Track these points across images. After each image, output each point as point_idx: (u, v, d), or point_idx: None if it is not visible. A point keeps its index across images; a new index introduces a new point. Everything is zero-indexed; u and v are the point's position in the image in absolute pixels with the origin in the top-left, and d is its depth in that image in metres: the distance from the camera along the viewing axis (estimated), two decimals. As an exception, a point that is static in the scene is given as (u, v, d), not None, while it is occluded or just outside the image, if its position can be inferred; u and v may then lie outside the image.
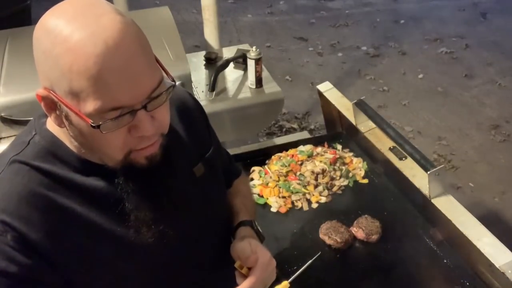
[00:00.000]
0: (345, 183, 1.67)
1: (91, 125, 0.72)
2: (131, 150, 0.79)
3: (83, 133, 0.76)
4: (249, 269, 0.97)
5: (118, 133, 0.75)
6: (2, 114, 1.80)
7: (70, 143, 0.83)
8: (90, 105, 0.71)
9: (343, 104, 1.80)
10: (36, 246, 0.78)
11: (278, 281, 1.03)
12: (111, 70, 0.69)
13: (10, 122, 1.80)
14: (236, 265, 0.97)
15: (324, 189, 1.63)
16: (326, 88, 1.88)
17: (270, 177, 1.65)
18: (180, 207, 0.90)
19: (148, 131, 0.76)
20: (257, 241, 1.03)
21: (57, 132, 0.83)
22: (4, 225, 0.76)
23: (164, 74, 0.79)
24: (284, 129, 3.46)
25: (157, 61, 0.78)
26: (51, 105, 0.77)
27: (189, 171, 0.99)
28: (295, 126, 3.50)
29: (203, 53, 2.34)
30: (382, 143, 1.66)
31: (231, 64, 2.23)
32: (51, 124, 0.83)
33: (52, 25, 0.71)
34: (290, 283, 1.05)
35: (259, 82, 2.10)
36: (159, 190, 0.86)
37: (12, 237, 0.76)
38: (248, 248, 0.96)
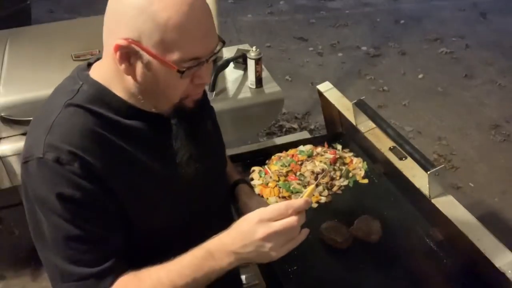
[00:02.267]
0: (345, 183, 1.67)
1: (178, 71, 0.86)
2: (187, 95, 0.95)
3: (155, 80, 0.88)
4: None
5: (185, 81, 0.91)
6: (2, 114, 1.80)
7: (121, 91, 0.94)
8: (176, 55, 0.85)
9: (343, 104, 1.80)
10: (98, 174, 0.89)
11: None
12: (196, 26, 0.85)
13: (10, 122, 1.81)
14: None
15: (324, 189, 1.63)
16: (326, 88, 1.88)
17: (270, 177, 1.65)
18: (208, 148, 1.09)
19: (208, 79, 0.95)
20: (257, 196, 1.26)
21: (104, 81, 0.94)
22: (72, 155, 0.87)
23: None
24: (284, 129, 3.46)
25: None
26: (126, 55, 0.86)
27: (205, 122, 1.15)
28: (295, 126, 3.50)
29: (203, 53, 2.34)
30: (382, 143, 1.66)
31: (231, 64, 2.23)
32: (96, 75, 0.95)
33: None
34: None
35: (259, 82, 2.10)
36: (197, 132, 1.03)
37: (79, 166, 0.87)
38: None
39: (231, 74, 2.23)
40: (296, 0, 5.54)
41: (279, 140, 2.07)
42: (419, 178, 1.48)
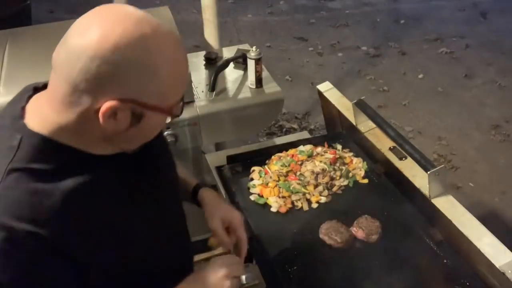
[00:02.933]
0: (345, 183, 1.67)
1: (172, 116, 0.87)
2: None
3: (142, 128, 0.84)
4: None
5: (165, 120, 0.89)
6: (2, 114, 1.80)
7: (72, 140, 0.83)
8: (172, 100, 0.85)
9: (343, 104, 1.80)
10: (56, 246, 0.79)
11: None
12: (185, 70, 0.87)
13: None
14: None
15: (324, 189, 1.63)
16: (326, 88, 1.88)
17: (270, 177, 1.65)
18: (163, 175, 1.04)
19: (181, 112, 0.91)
20: (217, 202, 1.20)
21: (48, 131, 0.82)
22: (25, 232, 0.76)
23: None
24: (284, 129, 3.46)
25: None
26: (114, 113, 0.79)
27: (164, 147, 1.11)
28: (295, 126, 3.50)
29: (203, 53, 2.34)
30: (382, 143, 1.66)
31: (231, 64, 2.23)
32: (37, 125, 0.83)
33: (135, 37, 0.77)
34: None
35: (259, 82, 2.10)
36: (153, 166, 1.00)
37: (34, 243, 0.77)
38: (218, 223, 1.14)
39: (231, 74, 2.23)
40: (296, 0, 5.54)
41: (279, 140, 2.07)
42: (419, 178, 1.48)
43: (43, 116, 0.82)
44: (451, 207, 1.39)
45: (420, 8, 5.38)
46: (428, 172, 1.36)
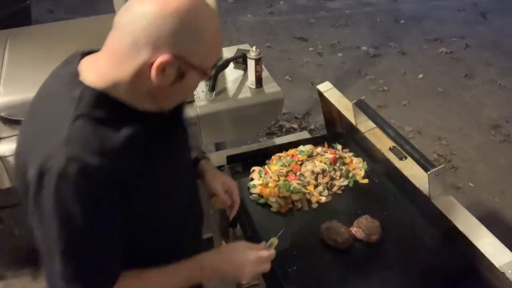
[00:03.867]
0: (345, 183, 1.67)
1: (207, 77, 1.02)
2: None
3: (182, 86, 0.97)
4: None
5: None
6: (2, 114, 1.80)
7: (122, 94, 0.95)
8: (210, 61, 0.98)
9: (343, 104, 1.80)
10: (118, 181, 0.91)
11: None
12: (220, 37, 0.99)
13: (10, 122, 1.81)
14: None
15: (324, 189, 1.63)
16: (326, 88, 1.88)
17: (270, 177, 1.65)
18: (187, 137, 1.21)
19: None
20: (217, 170, 1.39)
21: (101, 86, 0.94)
22: (94, 166, 0.87)
23: None
24: (284, 129, 3.46)
25: None
26: (163, 68, 0.91)
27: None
28: (295, 126, 3.50)
29: (203, 53, 2.34)
30: (382, 143, 1.66)
31: (231, 64, 2.23)
32: (92, 79, 0.95)
33: (191, 4, 0.91)
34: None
35: (259, 82, 2.10)
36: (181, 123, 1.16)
37: (102, 177, 0.88)
38: (219, 182, 1.32)
39: (231, 74, 2.23)
40: (296, 0, 5.55)
41: (279, 140, 2.07)
42: (419, 178, 1.48)
43: (99, 72, 0.95)
44: (451, 207, 1.39)
45: (420, 8, 5.38)
46: (428, 172, 1.36)
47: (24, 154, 0.95)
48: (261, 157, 1.77)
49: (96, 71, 0.95)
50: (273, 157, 1.76)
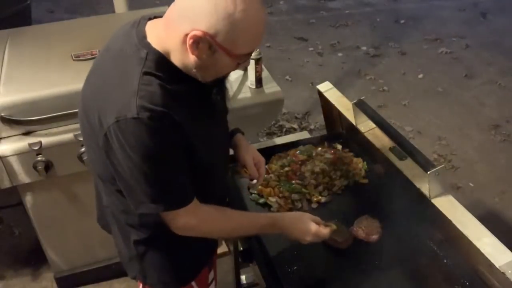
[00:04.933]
0: (345, 183, 1.67)
1: (237, 62, 1.10)
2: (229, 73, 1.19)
3: (214, 64, 1.08)
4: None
5: (236, 66, 1.12)
6: (2, 114, 1.80)
7: (178, 61, 1.09)
8: (241, 50, 1.06)
9: (343, 104, 1.80)
10: (181, 126, 1.07)
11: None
12: (261, 30, 1.07)
13: (10, 122, 1.81)
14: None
15: (324, 189, 1.63)
16: (326, 88, 1.88)
17: (270, 177, 1.65)
18: (225, 105, 1.36)
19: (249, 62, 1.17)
20: (249, 145, 1.51)
21: (164, 51, 1.09)
22: (161, 113, 1.03)
23: None
24: (284, 129, 3.46)
25: None
26: (197, 42, 1.02)
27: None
28: (295, 126, 3.50)
29: (203, 53, 2.34)
30: (382, 143, 1.66)
31: (231, 64, 2.23)
32: (157, 44, 1.09)
33: (232, 2, 0.99)
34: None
35: (259, 82, 2.10)
36: (218, 101, 1.27)
37: (168, 122, 1.05)
38: (250, 156, 1.46)
39: (231, 74, 2.22)
40: (296, 0, 5.55)
41: (279, 140, 2.08)
42: (419, 178, 1.48)
43: (159, 38, 1.09)
44: (451, 207, 1.39)
45: (420, 8, 5.39)
46: (428, 172, 1.36)
47: (98, 101, 1.10)
48: (261, 157, 1.77)
49: (157, 36, 1.10)
50: (273, 157, 1.76)
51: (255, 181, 1.46)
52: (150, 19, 1.17)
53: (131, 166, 1.07)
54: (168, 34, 1.08)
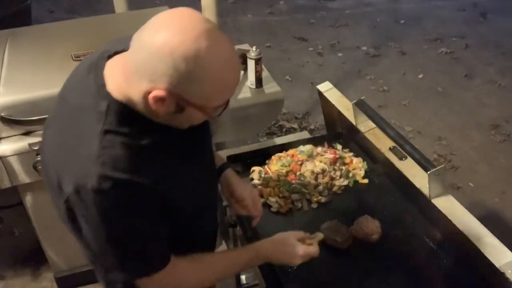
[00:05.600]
0: (345, 183, 1.67)
1: (212, 116, 0.99)
2: None
3: (184, 118, 0.99)
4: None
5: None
6: (2, 114, 1.80)
7: (143, 109, 0.97)
8: (214, 103, 0.97)
9: (343, 104, 1.80)
10: (150, 190, 0.97)
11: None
12: (233, 78, 0.98)
13: (10, 122, 1.81)
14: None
15: (324, 189, 1.63)
16: (326, 88, 1.88)
17: (270, 177, 1.65)
18: (208, 143, 1.24)
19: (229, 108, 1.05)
20: (242, 180, 1.42)
21: (127, 101, 0.97)
22: (125, 181, 0.94)
23: None
24: (284, 129, 3.46)
25: None
26: (162, 100, 0.92)
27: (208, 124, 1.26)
28: (295, 126, 3.50)
29: (203, 53, 2.34)
30: (382, 143, 1.66)
31: (231, 64, 2.23)
32: (118, 93, 0.97)
33: (191, 51, 0.89)
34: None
35: (259, 82, 2.10)
36: (200, 138, 1.16)
37: (133, 189, 0.95)
38: (248, 193, 1.37)
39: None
40: (296, 0, 5.54)
41: (279, 140, 2.07)
42: (419, 178, 1.48)
43: (119, 85, 0.97)
44: (451, 207, 1.39)
45: (420, 8, 5.38)
46: (428, 172, 1.36)
47: (55, 164, 1.01)
48: (261, 157, 1.77)
49: (117, 83, 0.98)
50: (273, 157, 1.76)
51: (255, 221, 1.39)
52: (110, 56, 1.03)
53: (96, 237, 0.98)
54: (128, 86, 0.96)
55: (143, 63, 0.91)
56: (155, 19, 0.94)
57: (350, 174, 1.69)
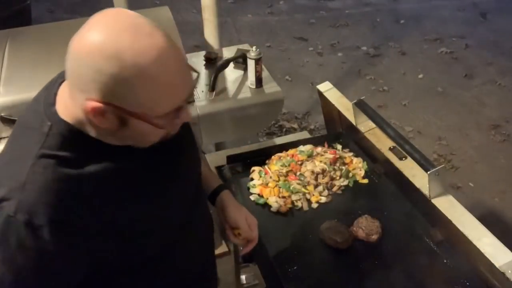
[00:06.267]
0: (345, 183, 1.67)
1: (160, 127, 0.85)
2: (167, 134, 0.92)
3: (133, 133, 0.86)
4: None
5: (164, 127, 0.88)
6: (2, 114, 1.80)
7: (92, 131, 0.88)
8: (155, 112, 0.83)
9: (343, 104, 1.80)
10: (72, 232, 0.85)
11: None
12: (173, 81, 0.82)
13: (10, 122, 1.80)
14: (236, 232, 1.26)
15: (324, 189, 1.63)
16: (326, 88, 1.88)
17: (270, 177, 1.65)
18: (182, 176, 1.05)
19: (189, 118, 0.91)
20: (239, 204, 1.30)
21: (74, 121, 0.87)
22: (45, 219, 0.82)
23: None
24: (284, 129, 3.46)
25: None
26: (101, 113, 0.82)
27: (190, 144, 1.13)
28: (295, 126, 3.50)
29: (203, 53, 2.34)
30: (382, 143, 1.66)
31: (231, 64, 2.23)
32: (65, 113, 0.88)
33: (111, 49, 0.78)
34: None
35: (259, 82, 2.10)
36: (173, 161, 1.01)
37: (50, 230, 0.82)
38: (243, 218, 1.25)
39: (231, 74, 2.23)
40: (296, 0, 5.54)
41: (279, 140, 2.07)
42: (419, 178, 1.48)
43: (66, 104, 0.88)
44: (451, 207, 1.39)
45: (420, 8, 5.38)
46: (428, 172, 1.36)
47: None
48: (261, 157, 1.77)
49: (64, 103, 0.89)
50: (273, 157, 1.76)
51: (246, 248, 1.28)
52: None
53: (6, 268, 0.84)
54: (73, 104, 0.85)
55: (72, 72, 0.82)
56: (84, 26, 0.83)
57: (350, 174, 1.69)
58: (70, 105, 0.87)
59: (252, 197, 1.61)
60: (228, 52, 2.36)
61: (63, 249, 0.85)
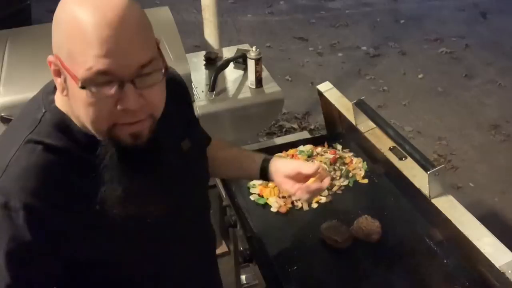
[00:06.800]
0: (345, 183, 1.67)
1: (80, 86, 0.77)
2: (115, 123, 0.82)
3: (76, 99, 0.81)
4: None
5: (105, 102, 0.79)
6: (2, 114, 1.80)
7: (76, 120, 0.87)
8: (81, 66, 0.76)
9: (343, 104, 1.80)
10: (49, 221, 0.83)
11: None
12: (105, 38, 0.75)
13: (10, 122, 1.81)
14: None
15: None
16: (326, 88, 1.87)
17: (270, 177, 1.65)
18: (165, 183, 0.92)
19: (132, 105, 0.79)
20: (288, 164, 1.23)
21: (65, 110, 0.88)
22: (22, 202, 0.81)
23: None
24: (284, 129, 3.46)
25: (158, 47, 0.84)
26: (57, 71, 0.82)
27: (176, 146, 1.03)
28: (295, 126, 3.50)
29: (203, 53, 2.34)
30: (382, 143, 1.66)
31: (231, 64, 2.23)
32: (59, 102, 0.89)
33: (60, 6, 0.80)
34: None
35: (259, 82, 2.10)
36: (142, 169, 0.88)
37: (26, 215, 0.81)
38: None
39: (231, 74, 2.23)
40: (296, 0, 5.54)
41: (279, 140, 2.07)
42: (419, 178, 1.48)
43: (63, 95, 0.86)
44: (451, 207, 1.39)
45: (420, 8, 5.38)
46: (428, 172, 1.36)
47: None
48: (261, 157, 1.77)
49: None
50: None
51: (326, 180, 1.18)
52: None
53: None
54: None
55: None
56: None
57: (350, 174, 1.69)
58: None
59: (252, 197, 1.61)
60: (228, 52, 2.37)
61: (36, 238, 0.82)
